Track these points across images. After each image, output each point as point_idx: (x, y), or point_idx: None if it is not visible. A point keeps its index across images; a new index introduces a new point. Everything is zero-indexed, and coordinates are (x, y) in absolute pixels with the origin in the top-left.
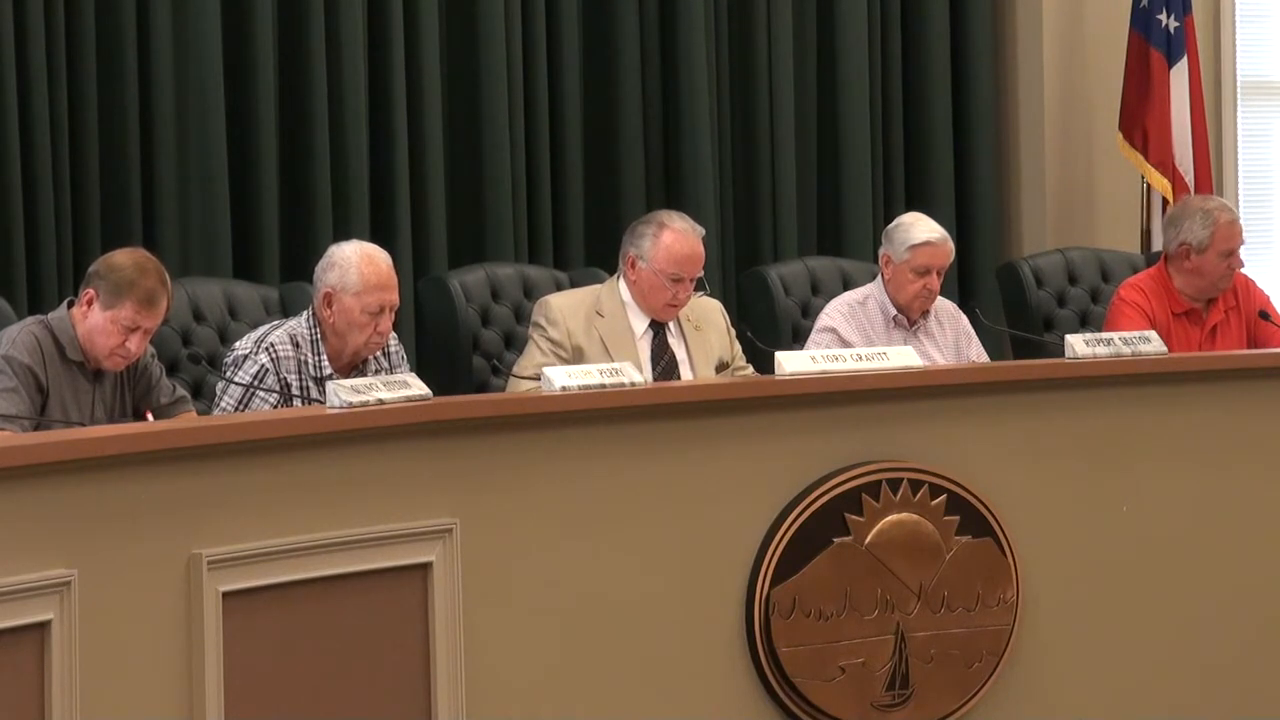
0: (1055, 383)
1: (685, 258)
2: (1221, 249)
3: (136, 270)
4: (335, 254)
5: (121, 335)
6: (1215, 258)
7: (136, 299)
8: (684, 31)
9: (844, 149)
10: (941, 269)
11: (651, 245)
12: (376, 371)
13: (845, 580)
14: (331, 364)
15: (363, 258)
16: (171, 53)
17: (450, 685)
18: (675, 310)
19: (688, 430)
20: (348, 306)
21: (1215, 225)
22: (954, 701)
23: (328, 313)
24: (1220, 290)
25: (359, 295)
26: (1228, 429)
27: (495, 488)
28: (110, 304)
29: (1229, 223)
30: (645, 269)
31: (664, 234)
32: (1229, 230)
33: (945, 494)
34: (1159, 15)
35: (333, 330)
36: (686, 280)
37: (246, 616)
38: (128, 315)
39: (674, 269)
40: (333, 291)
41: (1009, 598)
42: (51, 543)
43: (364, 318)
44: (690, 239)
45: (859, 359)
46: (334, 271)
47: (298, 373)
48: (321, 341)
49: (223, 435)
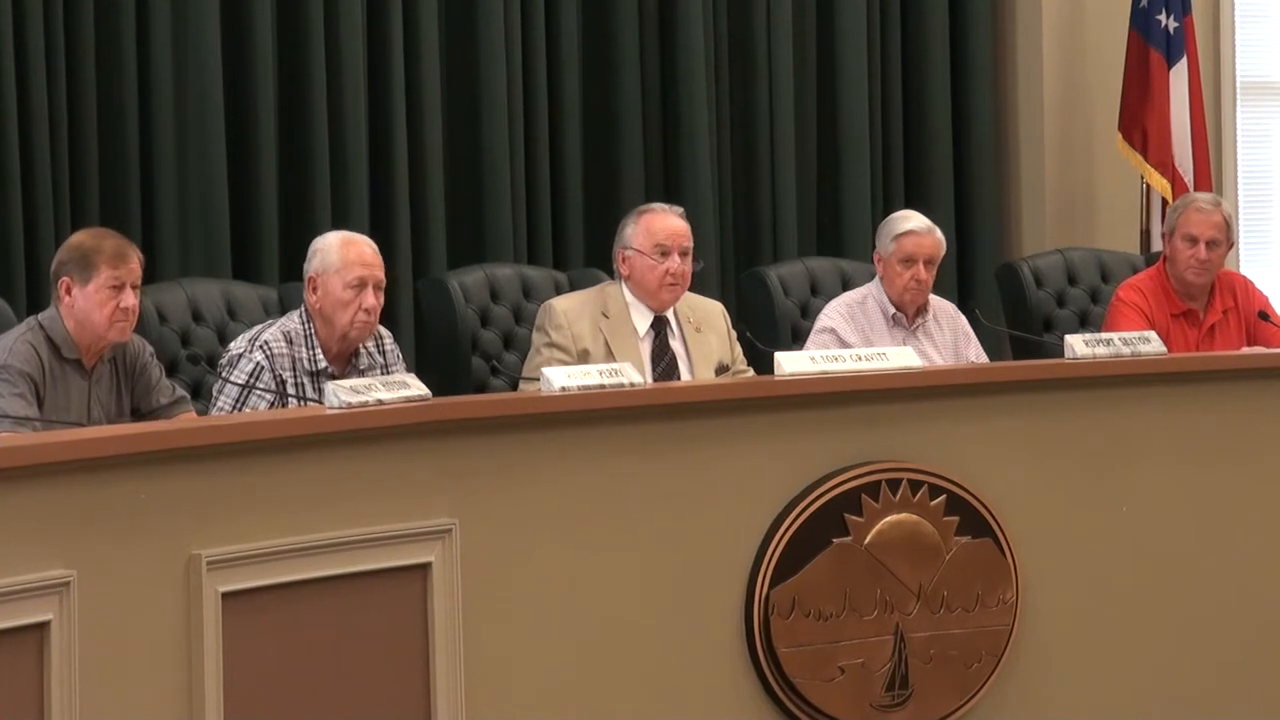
0: (1055, 383)
1: (665, 230)
2: (1184, 233)
3: (94, 237)
4: (316, 243)
5: (113, 299)
6: (1180, 242)
7: (107, 259)
8: (683, 33)
9: (843, 150)
10: (930, 259)
11: (633, 230)
12: (369, 365)
13: (845, 581)
14: (325, 355)
15: (342, 240)
16: (171, 54)
17: (449, 685)
18: (675, 290)
19: (687, 431)
20: (331, 286)
21: (1182, 211)
22: (953, 702)
23: (314, 298)
24: (1191, 282)
25: (340, 272)
26: (1227, 429)
27: (495, 488)
28: (87, 277)
29: (1196, 209)
30: (633, 255)
31: (642, 218)
32: (1192, 216)
33: (945, 494)
34: (1158, 15)
35: (320, 315)
36: (675, 253)
37: (246, 617)
38: (107, 276)
39: (657, 241)
40: (316, 275)
41: (1008, 598)
42: (51, 543)
43: (348, 293)
44: (668, 215)
45: (858, 359)
46: (316, 258)
47: (292, 369)
48: (314, 335)
49: (222, 436)
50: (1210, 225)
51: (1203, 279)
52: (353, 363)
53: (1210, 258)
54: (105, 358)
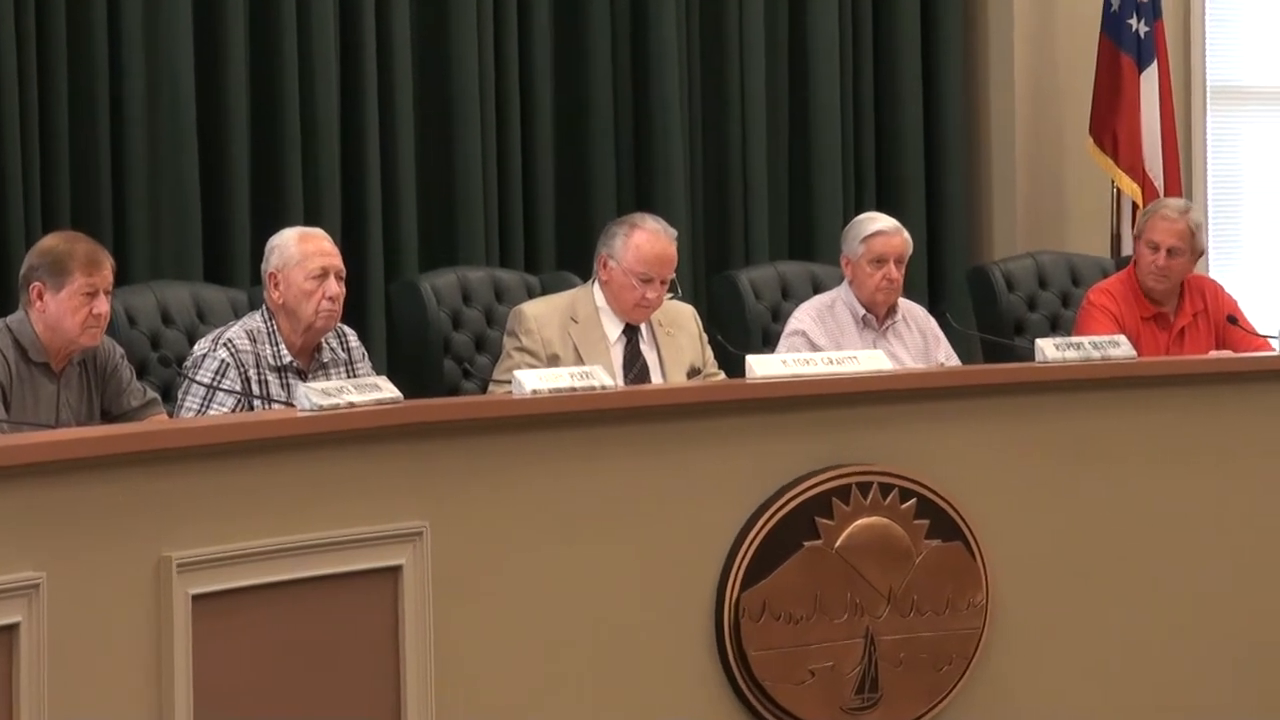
0: (1025, 387)
1: (655, 258)
2: (1147, 239)
3: (66, 241)
4: (273, 240)
5: (85, 305)
6: (1143, 248)
7: (80, 265)
8: (655, 39)
9: (814, 154)
10: (899, 258)
11: (622, 245)
12: (332, 359)
13: (815, 584)
14: (289, 350)
15: (299, 234)
16: (143, 57)
17: (420, 687)
18: (646, 312)
19: (658, 433)
20: (293, 279)
21: (1149, 216)
22: (923, 705)
23: (276, 294)
24: (1155, 286)
25: (301, 264)
26: (1196, 432)
27: (466, 490)
28: (60, 283)
29: (1162, 216)
30: (616, 268)
31: (635, 234)
32: (1157, 223)
33: (915, 498)
34: (1129, 20)
35: (284, 310)
36: (656, 281)
37: (216, 619)
38: (80, 283)
39: (643, 269)
40: (277, 271)
41: (978, 601)
42: (20, 545)
43: (310, 284)
44: (661, 240)
45: (829, 362)
46: (274, 254)
47: (256, 366)
48: (277, 332)
49: (193, 438)
50: (1172, 233)
51: (1162, 285)
52: (316, 357)
53: (1169, 265)
54: (74, 360)
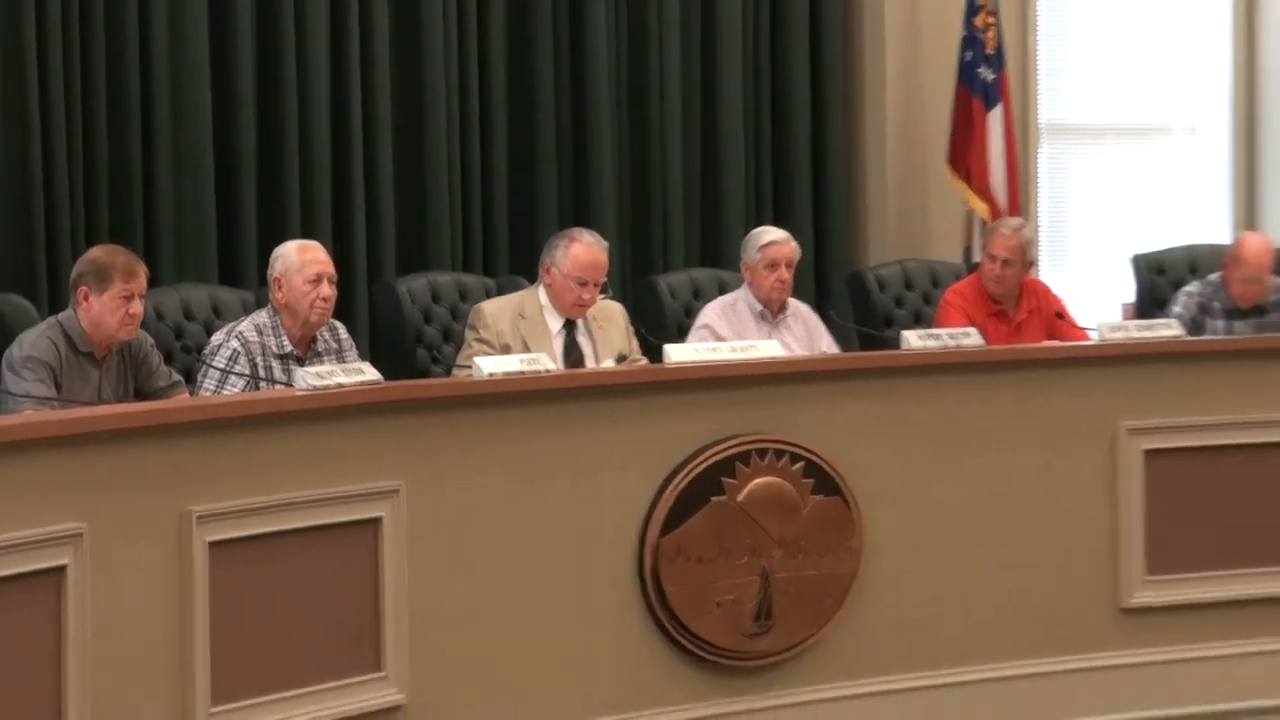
0: (893, 370)
1: (589, 265)
2: (990, 252)
3: (109, 254)
4: (277, 251)
5: (123, 306)
6: (986, 260)
7: (120, 273)
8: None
9: (721, 179)
10: (789, 262)
11: (563, 254)
12: (325, 348)
13: (720, 532)
14: (290, 341)
15: (299, 246)
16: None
17: (397, 616)
18: (582, 310)
19: (592, 409)
20: (293, 283)
21: (991, 233)
22: (809, 630)
23: (279, 295)
24: (994, 290)
25: (300, 270)
26: (1030, 408)
27: (434, 455)
28: (102, 288)
29: (1000, 234)
30: (557, 274)
31: (573, 245)
32: (996, 239)
33: (803, 461)
34: (979, 69)
35: (285, 309)
36: (591, 284)
37: (229, 562)
38: (120, 288)
39: (579, 274)
40: (280, 276)
41: (854, 546)
42: (67, 501)
43: (306, 286)
44: (594, 250)
45: (733, 350)
46: (279, 263)
47: (262, 354)
48: (280, 326)
49: (210, 413)
50: (1007, 247)
51: (999, 289)
52: (312, 347)
53: (1004, 274)
54: (114, 350)
